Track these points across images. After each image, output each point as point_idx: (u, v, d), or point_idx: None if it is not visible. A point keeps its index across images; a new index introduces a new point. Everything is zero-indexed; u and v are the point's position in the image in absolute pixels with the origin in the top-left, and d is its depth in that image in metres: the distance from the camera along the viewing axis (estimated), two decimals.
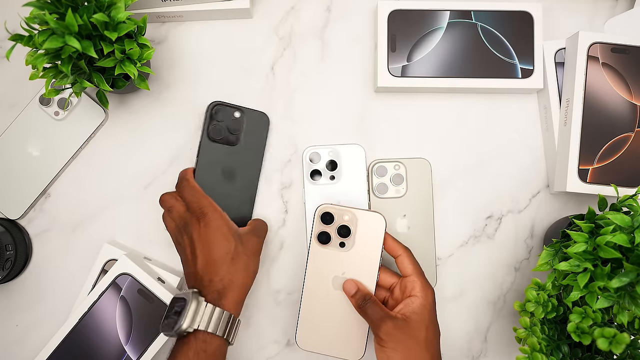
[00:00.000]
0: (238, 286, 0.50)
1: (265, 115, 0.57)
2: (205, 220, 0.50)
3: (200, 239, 0.50)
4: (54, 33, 0.45)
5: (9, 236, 0.56)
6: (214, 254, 0.49)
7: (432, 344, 0.47)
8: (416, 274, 0.49)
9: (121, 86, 0.53)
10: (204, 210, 0.50)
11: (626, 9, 0.61)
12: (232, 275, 0.49)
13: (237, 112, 0.56)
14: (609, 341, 0.42)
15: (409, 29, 0.58)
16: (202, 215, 0.50)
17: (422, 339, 0.47)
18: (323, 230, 0.51)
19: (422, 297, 0.48)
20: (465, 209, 0.59)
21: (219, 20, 0.61)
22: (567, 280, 0.44)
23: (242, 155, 0.56)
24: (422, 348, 0.46)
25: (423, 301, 0.48)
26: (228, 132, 0.56)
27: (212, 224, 0.50)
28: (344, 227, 0.51)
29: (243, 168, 0.57)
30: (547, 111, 0.59)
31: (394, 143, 0.60)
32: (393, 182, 0.58)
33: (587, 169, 0.55)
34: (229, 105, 0.56)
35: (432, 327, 0.48)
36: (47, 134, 0.58)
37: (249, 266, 0.51)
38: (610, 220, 0.43)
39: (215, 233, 0.50)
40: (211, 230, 0.50)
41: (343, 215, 0.51)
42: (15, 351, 0.58)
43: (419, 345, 0.46)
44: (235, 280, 0.49)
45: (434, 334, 0.48)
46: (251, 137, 0.57)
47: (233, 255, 0.50)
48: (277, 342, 0.58)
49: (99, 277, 0.57)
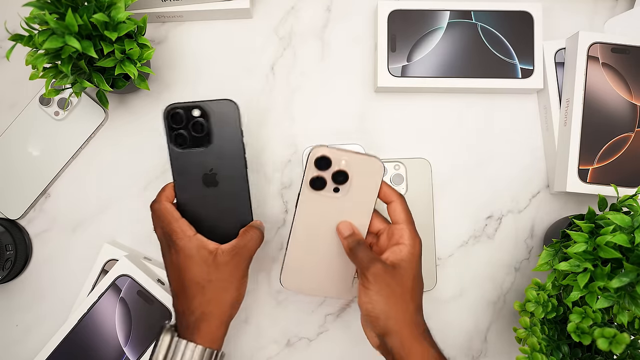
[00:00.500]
0: (214, 318, 0.46)
1: (231, 103, 0.48)
2: (176, 248, 0.46)
3: (171, 267, 0.47)
4: (54, 33, 0.45)
5: (9, 236, 0.56)
6: (183, 284, 0.46)
7: (417, 295, 0.46)
8: (407, 222, 0.47)
9: (121, 86, 0.53)
10: (172, 236, 0.46)
11: (626, 9, 0.61)
12: (204, 307, 0.45)
13: (196, 110, 0.47)
14: (609, 341, 0.42)
15: (409, 29, 0.58)
16: (171, 242, 0.46)
17: (408, 287, 0.45)
18: (318, 175, 0.46)
19: (411, 245, 0.46)
20: (465, 209, 0.59)
21: (219, 20, 0.61)
22: (567, 280, 0.44)
23: (219, 154, 0.49)
24: (407, 297, 0.44)
25: (412, 249, 0.45)
26: (194, 135, 0.48)
27: (182, 252, 0.46)
28: (341, 172, 0.46)
29: (225, 168, 0.49)
30: (547, 111, 0.59)
31: (394, 143, 0.60)
32: (393, 182, 0.58)
33: (587, 169, 0.55)
34: (186, 105, 0.47)
35: (418, 279, 0.46)
36: (47, 134, 0.58)
37: (228, 293, 0.47)
38: (610, 220, 0.43)
39: (185, 261, 0.46)
40: (181, 258, 0.46)
41: (340, 160, 0.45)
42: (15, 351, 0.58)
43: (405, 293, 0.44)
44: (209, 312, 0.46)
45: (419, 286, 0.46)
46: (223, 131, 0.48)
47: (205, 284, 0.46)
48: (277, 342, 0.58)
49: (99, 277, 0.57)
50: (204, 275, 0.46)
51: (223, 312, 0.46)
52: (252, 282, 0.58)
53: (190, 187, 0.49)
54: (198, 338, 0.45)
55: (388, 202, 0.48)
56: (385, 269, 0.44)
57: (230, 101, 0.48)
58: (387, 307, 0.44)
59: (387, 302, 0.44)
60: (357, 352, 0.58)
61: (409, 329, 0.44)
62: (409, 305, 0.44)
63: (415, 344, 0.43)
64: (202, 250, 0.46)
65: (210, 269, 0.46)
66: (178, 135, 0.47)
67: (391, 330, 0.43)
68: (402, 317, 0.44)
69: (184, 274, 0.46)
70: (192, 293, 0.46)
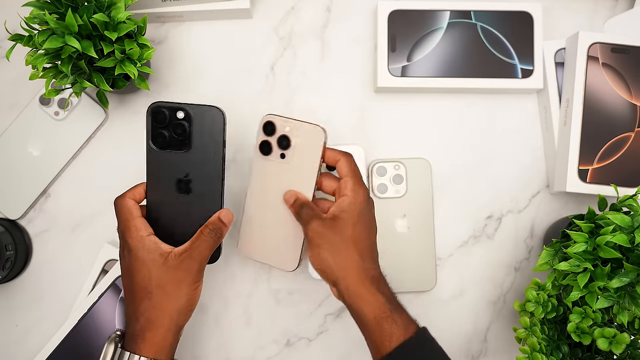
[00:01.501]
0: (160, 326, 0.43)
1: (217, 110, 0.47)
2: (128, 247, 0.44)
3: (122, 268, 0.45)
4: (54, 33, 0.45)
5: (9, 236, 0.56)
6: (132, 288, 0.44)
7: (361, 241, 0.47)
8: (350, 175, 0.48)
9: (121, 86, 0.53)
10: (125, 234, 0.45)
11: (626, 9, 0.61)
12: (149, 314, 0.43)
13: (180, 112, 0.46)
14: (609, 341, 0.42)
15: (409, 29, 0.58)
16: (124, 241, 0.45)
17: (348, 235, 0.46)
18: (265, 139, 0.49)
19: (352, 196, 0.46)
20: (465, 209, 0.59)
21: (219, 20, 0.61)
22: (567, 280, 0.44)
23: (198, 161, 0.47)
24: (349, 244, 0.46)
25: (352, 200, 0.46)
26: (175, 136, 0.46)
27: (132, 252, 0.44)
28: (284, 137, 0.49)
29: (201, 176, 0.47)
30: (547, 111, 0.59)
31: (394, 143, 0.60)
32: (393, 182, 0.58)
33: (587, 169, 0.55)
34: (172, 105, 0.46)
35: (361, 224, 0.47)
36: (47, 134, 0.58)
37: (176, 300, 0.44)
38: (610, 220, 0.43)
39: (134, 263, 0.44)
40: (131, 259, 0.44)
41: (284, 127, 0.49)
42: (15, 351, 0.58)
43: (345, 241, 0.45)
44: (154, 320, 0.43)
45: (364, 231, 0.47)
46: (205, 137, 0.47)
47: (152, 289, 0.43)
48: (277, 342, 0.58)
49: (99, 277, 0.57)
50: (152, 279, 0.43)
51: (171, 319, 0.44)
52: (252, 282, 0.58)
53: (162, 189, 0.47)
54: (143, 348, 0.43)
55: (335, 163, 0.49)
56: (322, 223, 0.46)
57: (217, 109, 0.47)
58: (329, 258, 0.45)
59: (329, 254, 0.45)
60: (357, 352, 0.58)
61: (354, 274, 0.45)
62: (351, 253, 0.46)
63: (361, 287, 0.45)
64: (153, 252, 0.44)
65: (159, 272, 0.44)
66: (158, 134, 0.46)
67: (337, 278, 0.45)
68: (346, 264, 0.45)
69: (132, 276, 0.44)
70: (139, 298, 0.44)
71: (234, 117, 0.60)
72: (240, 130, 0.59)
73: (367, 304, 0.44)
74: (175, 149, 0.47)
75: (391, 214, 0.58)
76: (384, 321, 0.44)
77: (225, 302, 0.58)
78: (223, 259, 0.58)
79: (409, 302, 0.58)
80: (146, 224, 0.46)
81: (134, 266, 0.44)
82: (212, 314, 0.58)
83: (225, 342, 0.58)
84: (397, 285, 0.58)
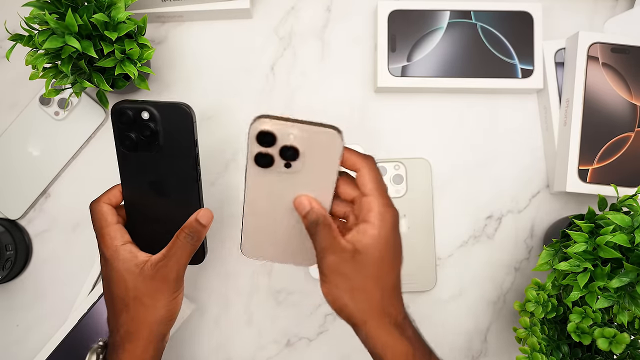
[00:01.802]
0: (140, 338, 0.42)
1: (185, 108, 0.42)
2: (104, 257, 0.42)
3: (102, 279, 0.43)
4: (54, 33, 0.45)
5: (9, 236, 0.56)
6: (111, 298, 0.42)
7: (385, 277, 0.40)
8: (375, 192, 0.39)
9: (121, 86, 0.53)
10: (100, 244, 0.42)
11: (626, 9, 0.61)
12: (128, 326, 0.42)
13: (145, 112, 0.42)
14: (609, 341, 0.42)
15: (409, 29, 0.58)
16: (100, 250, 0.43)
17: (370, 275, 0.39)
18: (262, 152, 0.38)
19: (378, 225, 0.38)
20: (465, 208, 0.59)
21: (219, 20, 0.61)
22: (567, 280, 0.44)
23: (168, 161, 0.44)
24: (371, 283, 0.39)
25: (378, 231, 0.38)
26: (143, 138, 0.43)
27: (108, 262, 0.42)
28: (289, 148, 0.38)
29: (174, 177, 0.44)
30: (547, 111, 0.59)
31: (394, 143, 0.60)
32: (393, 182, 0.58)
33: (587, 169, 0.55)
34: (136, 105, 0.42)
35: (387, 259, 0.39)
36: (47, 134, 0.58)
37: (154, 311, 0.42)
38: (610, 220, 0.43)
39: (110, 273, 0.42)
40: (108, 270, 0.42)
41: (288, 134, 0.38)
42: (16, 351, 0.58)
43: (366, 281, 0.39)
44: (134, 332, 0.41)
45: (390, 266, 0.40)
46: (174, 136, 0.43)
47: (128, 301, 0.41)
48: (277, 342, 0.58)
49: (99, 277, 0.57)
50: (128, 290, 0.41)
51: (150, 331, 0.42)
52: (251, 282, 0.58)
53: (136, 192, 0.44)
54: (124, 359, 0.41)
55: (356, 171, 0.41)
56: (340, 259, 0.38)
57: (185, 106, 0.43)
58: (346, 297, 0.39)
59: (347, 294, 0.39)
60: (357, 352, 0.58)
61: (376, 318, 0.39)
62: (373, 293, 0.39)
63: (383, 333, 0.39)
64: (128, 262, 0.42)
65: (135, 283, 0.41)
66: (125, 137, 0.43)
67: (356, 323, 0.40)
68: (365, 307, 0.39)
69: (109, 287, 0.42)
70: (118, 309, 0.42)
71: (234, 117, 0.60)
72: (239, 131, 0.59)
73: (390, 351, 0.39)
74: (144, 150, 0.43)
75: None
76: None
77: (225, 303, 0.58)
78: (221, 260, 0.58)
79: (409, 302, 0.58)
80: (122, 231, 0.43)
81: (110, 276, 0.42)
82: (211, 315, 0.58)
83: (225, 342, 0.58)
84: None
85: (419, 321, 0.58)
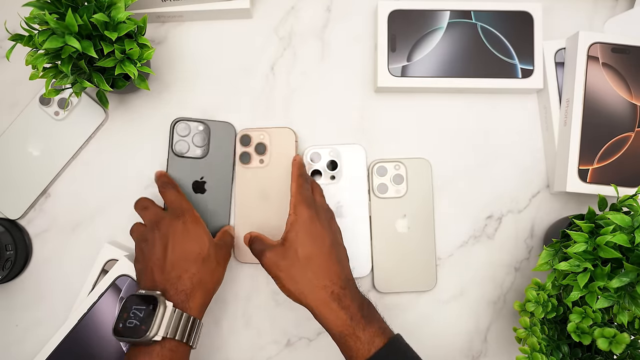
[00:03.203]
0: (206, 288, 0.50)
1: (230, 126, 0.58)
2: (184, 219, 0.51)
3: (175, 234, 0.50)
4: (54, 33, 0.45)
5: (9, 236, 0.56)
6: (187, 250, 0.49)
7: (313, 258, 0.47)
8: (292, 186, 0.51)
9: (121, 86, 0.53)
10: (184, 211, 0.51)
11: (626, 9, 0.61)
12: (202, 275, 0.49)
13: (200, 126, 0.57)
14: (609, 341, 0.42)
15: (409, 29, 0.58)
16: (181, 214, 0.51)
17: (298, 257, 0.47)
18: (243, 151, 0.57)
19: (293, 213, 0.48)
20: (466, 209, 0.59)
21: (219, 20, 0.61)
22: (567, 280, 0.44)
23: (211, 168, 0.57)
24: (301, 266, 0.46)
25: (292, 218, 0.48)
26: (193, 146, 0.57)
27: (190, 224, 0.51)
28: (259, 145, 0.57)
29: (214, 180, 0.57)
30: (547, 111, 0.59)
31: (394, 143, 0.60)
32: (393, 182, 0.58)
33: (587, 169, 0.55)
34: (192, 120, 0.57)
35: (309, 241, 0.47)
36: (47, 134, 0.58)
37: (217, 272, 0.52)
38: (610, 220, 0.43)
39: (191, 232, 0.50)
40: (188, 229, 0.50)
41: (259, 135, 0.57)
42: (15, 351, 0.58)
43: (297, 264, 0.46)
44: (203, 281, 0.49)
45: (314, 247, 0.47)
46: (218, 148, 0.57)
47: (205, 257, 0.50)
48: (277, 342, 0.58)
49: (99, 277, 0.57)
50: (205, 249, 0.50)
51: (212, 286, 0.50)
52: (250, 284, 0.58)
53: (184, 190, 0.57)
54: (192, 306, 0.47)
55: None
56: (273, 251, 0.48)
57: (230, 124, 0.58)
58: (290, 286, 0.46)
59: (288, 282, 0.46)
60: None
61: (313, 297, 0.46)
62: (306, 275, 0.46)
63: (322, 307, 0.45)
64: (207, 230, 0.52)
65: (210, 246, 0.51)
66: (180, 143, 0.57)
67: (303, 304, 0.46)
68: (303, 289, 0.46)
69: (188, 242, 0.49)
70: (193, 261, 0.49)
71: (233, 117, 0.60)
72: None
73: (331, 323, 0.45)
74: (192, 157, 0.57)
75: (391, 214, 0.58)
76: (348, 338, 0.44)
77: (225, 304, 0.58)
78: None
79: (409, 302, 0.58)
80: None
81: (190, 235, 0.50)
82: (211, 316, 0.58)
83: (225, 342, 0.58)
84: (397, 285, 0.58)
85: (419, 321, 0.58)
